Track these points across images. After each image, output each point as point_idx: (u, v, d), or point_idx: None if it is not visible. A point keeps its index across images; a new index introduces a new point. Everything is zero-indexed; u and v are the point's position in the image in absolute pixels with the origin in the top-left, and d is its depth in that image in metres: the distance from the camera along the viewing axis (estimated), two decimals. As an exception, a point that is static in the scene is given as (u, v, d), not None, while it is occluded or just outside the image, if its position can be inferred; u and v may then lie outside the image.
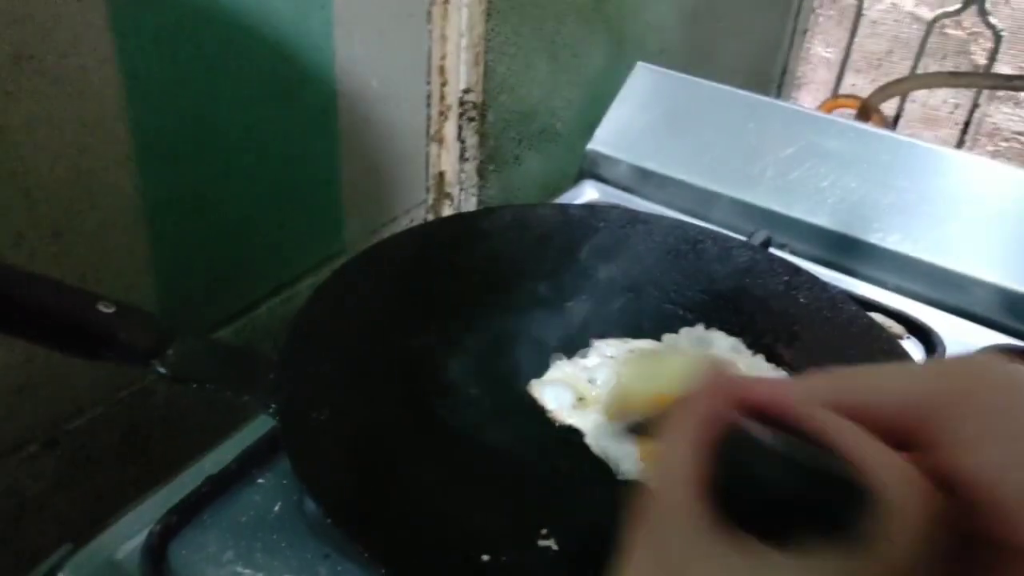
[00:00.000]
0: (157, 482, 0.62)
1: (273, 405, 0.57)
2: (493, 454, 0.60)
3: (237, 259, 0.82)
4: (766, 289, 0.76)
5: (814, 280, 0.76)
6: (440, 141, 0.85)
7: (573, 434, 0.63)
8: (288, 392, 0.58)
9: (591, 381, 0.66)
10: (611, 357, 0.69)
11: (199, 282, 0.78)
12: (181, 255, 0.75)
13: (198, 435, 0.67)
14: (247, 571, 0.57)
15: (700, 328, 0.72)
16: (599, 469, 0.60)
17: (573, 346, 0.69)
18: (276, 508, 0.61)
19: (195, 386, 0.57)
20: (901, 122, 1.61)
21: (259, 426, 0.65)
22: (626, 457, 0.60)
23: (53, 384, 0.68)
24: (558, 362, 0.67)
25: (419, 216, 0.96)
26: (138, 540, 0.57)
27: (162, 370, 0.56)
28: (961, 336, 0.83)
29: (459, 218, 0.84)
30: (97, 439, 0.75)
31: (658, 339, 0.71)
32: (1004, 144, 1.46)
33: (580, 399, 0.64)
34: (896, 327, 0.82)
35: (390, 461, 0.57)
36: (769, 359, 0.70)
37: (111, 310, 0.54)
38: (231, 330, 0.85)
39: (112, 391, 0.75)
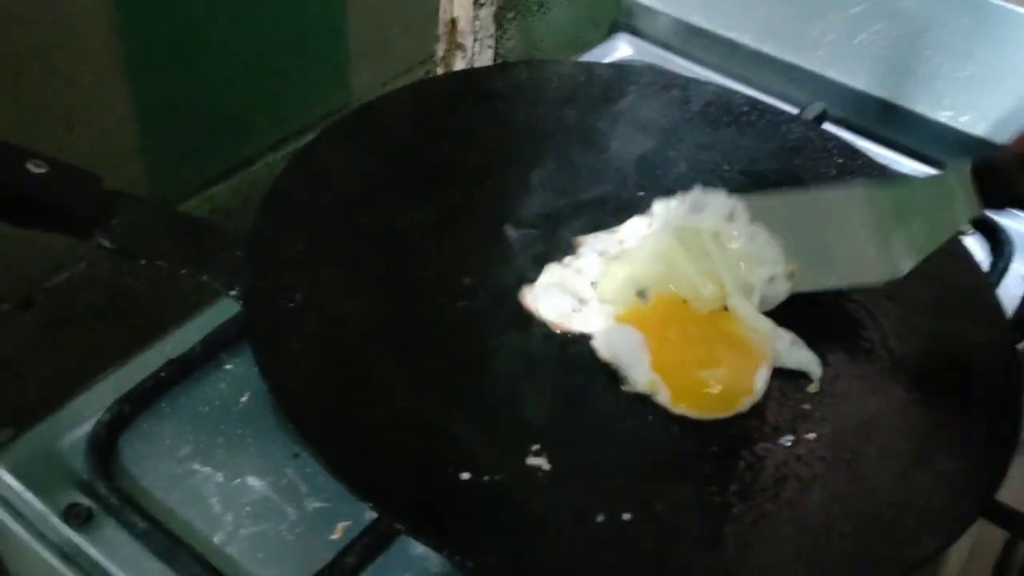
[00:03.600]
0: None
1: (236, 287, 0.50)
2: (482, 358, 0.53)
3: (231, 109, 0.73)
4: (816, 172, 0.66)
5: (871, 164, 0.67)
6: (450, -20, 0.74)
7: (577, 341, 0.55)
8: (255, 273, 0.51)
9: (592, 284, 0.57)
10: (605, 254, 0.59)
11: (188, 133, 0.70)
12: (166, 102, 0.66)
13: (192, 299, 0.61)
14: (205, 469, 0.51)
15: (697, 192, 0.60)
16: (604, 377, 0.53)
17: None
18: (244, 399, 0.55)
19: (143, 262, 0.49)
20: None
21: (231, 304, 0.58)
22: (637, 365, 0.53)
23: (25, 237, 0.61)
24: (549, 266, 0.58)
25: (436, 70, 0.86)
26: (85, 429, 0.51)
27: (105, 242, 0.48)
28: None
29: (465, 75, 0.74)
30: (78, 299, 0.68)
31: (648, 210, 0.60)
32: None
33: (581, 301, 0.56)
34: (961, 222, 0.72)
35: (365, 360, 0.50)
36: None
37: (42, 170, 0.46)
38: (226, 187, 0.77)
39: (95, 246, 0.68)
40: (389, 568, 0.48)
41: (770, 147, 0.68)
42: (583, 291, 0.56)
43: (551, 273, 0.58)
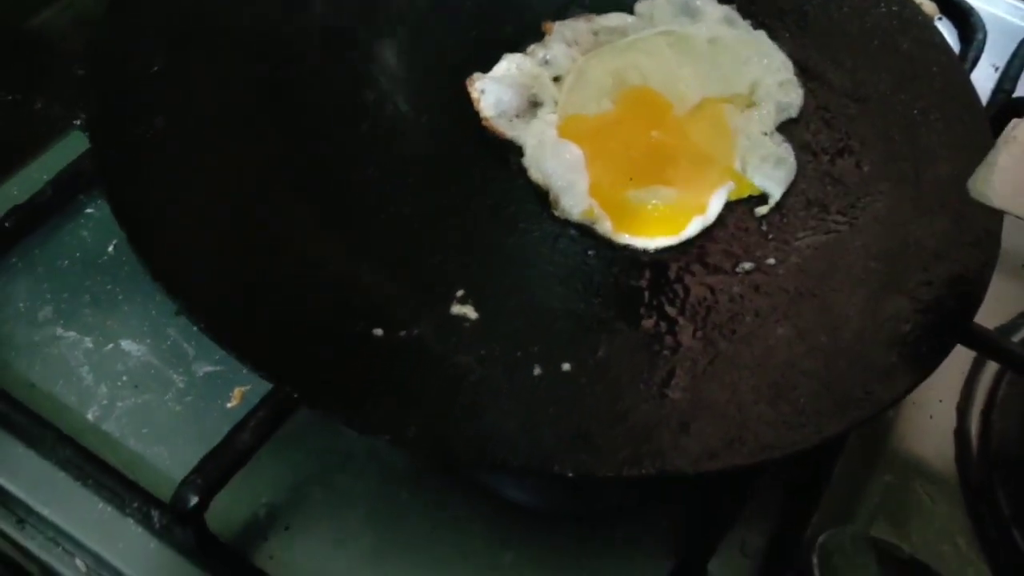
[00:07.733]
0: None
1: (82, 115, 0.40)
2: (395, 183, 0.45)
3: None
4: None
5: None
6: None
7: (511, 153, 0.47)
8: (101, 94, 0.41)
9: (555, 79, 0.51)
10: (576, 44, 0.53)
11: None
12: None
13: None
14: (70, 334, 0.44)
15: None
16: (539, 203, 0.46)
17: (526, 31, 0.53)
18: (111, 248, 0.47)
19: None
20: None
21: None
22: (572, 188, 0.45)
23: None
24: (509, 55, 0.51)
25: None
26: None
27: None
28: (1005, 20, 0.67)
29: None
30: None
31: (630, 10, 0.56)
32: None
33: (533, 104, 0.49)
34: (928, 4, 0.64)
35: (251, 199, 0.42)
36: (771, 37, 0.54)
37: None
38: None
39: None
40: (303, 432, 0.41)
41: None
42: (540, 89, 0.50)
43: (509, 62, 0.51)
